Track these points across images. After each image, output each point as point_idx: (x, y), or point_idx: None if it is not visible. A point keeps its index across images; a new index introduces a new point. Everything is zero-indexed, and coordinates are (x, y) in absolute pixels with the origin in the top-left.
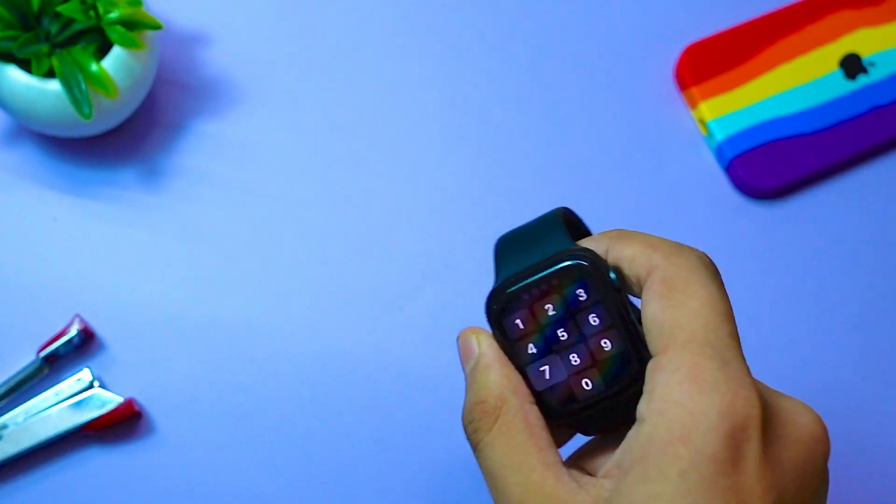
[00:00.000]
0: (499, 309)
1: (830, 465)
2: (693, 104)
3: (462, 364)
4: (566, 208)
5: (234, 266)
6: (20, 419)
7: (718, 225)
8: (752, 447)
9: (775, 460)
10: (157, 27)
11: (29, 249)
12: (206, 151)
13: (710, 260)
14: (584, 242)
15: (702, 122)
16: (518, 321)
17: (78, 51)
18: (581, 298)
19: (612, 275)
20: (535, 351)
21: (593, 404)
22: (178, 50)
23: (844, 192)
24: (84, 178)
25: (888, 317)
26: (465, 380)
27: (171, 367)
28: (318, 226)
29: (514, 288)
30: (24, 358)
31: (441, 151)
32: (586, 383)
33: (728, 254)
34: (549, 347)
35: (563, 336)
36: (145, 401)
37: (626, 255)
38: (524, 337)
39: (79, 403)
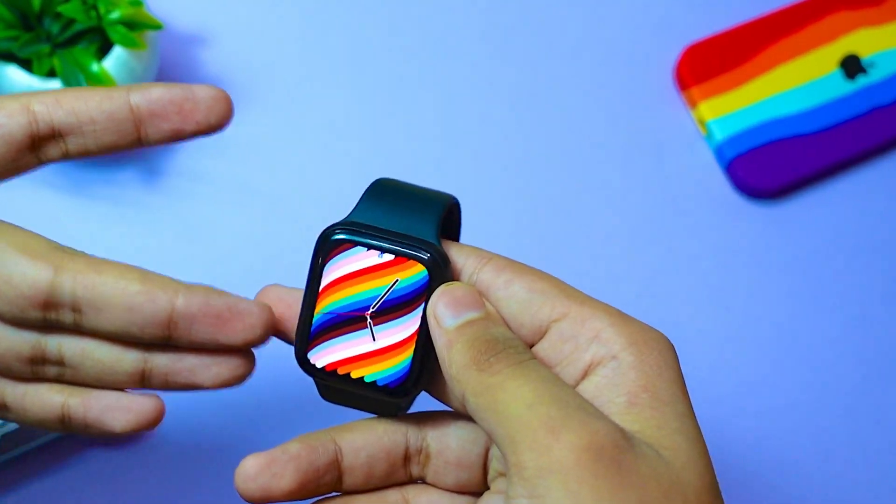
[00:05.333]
0: (337, 241)
1: (830, 466)
2: (693, 104)
3: (450, 306)
4: (455, 200)
5: (233, 266)
6: None
7: (718, 225)
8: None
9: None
10: (157, 27)
11: None
12: (206, 151)
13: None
14: (460, 251)
15: (702, 122)
16: (340, 270)
17: (79, 51)
18: (407, 294)
19: None
20: (336, 304)
21: (343, 384)
22: (178, 50)
23: (844, 192)
24: (84, 178)
25: (888, 317)
26: (455, 318)
27: None
28: (318, 226)
29: (363, 238)
30: None
31: (440, 151)
32: (353, 369)
33: (728, 254)
34: (350, 313)
35: (367, 312)
36: None
37: (531, 301)
38: (334, 285)
39: None
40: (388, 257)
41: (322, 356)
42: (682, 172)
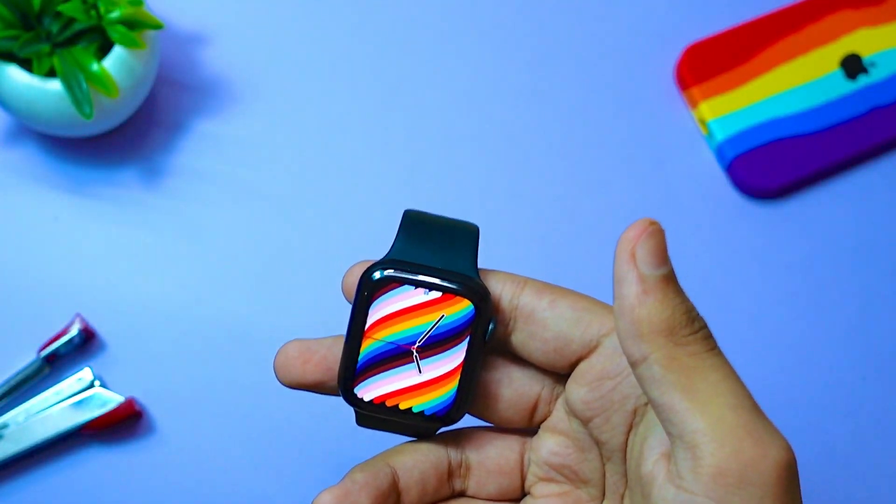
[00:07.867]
0: (384, 280)
1: (830, 464)
2: (693, 104)
3: (654, 254)
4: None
5: (234, 266)
6: (21, 419)
7: (718, 225)
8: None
9: None
10: (157, 27)
11: (29, 249)
12: (206, 151)
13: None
14: (496, 279)
15: (702, 122)
16: (387, 308)
17: (79, 50)
18: (453, 329)
19: (492, 326)
20: (382, 340)
21: (391, 415)
22: (178, 50)
23: (844, 193)
24: (84, 178)
25: (888, 317)
26: (657, 269)
27: (172, 366)
28: (319, 225)
29: (410, 276)
30: (24, 357)
31: (441, 151)
32: (401, 401)
33: (728, 254)
34: (396, 348)
35: (413, 346)
36: (145, 400)
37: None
38: (380, 323)
39: (79, 403)
40: (436, 294)
41: (369, 390)
42: (682, 172)
